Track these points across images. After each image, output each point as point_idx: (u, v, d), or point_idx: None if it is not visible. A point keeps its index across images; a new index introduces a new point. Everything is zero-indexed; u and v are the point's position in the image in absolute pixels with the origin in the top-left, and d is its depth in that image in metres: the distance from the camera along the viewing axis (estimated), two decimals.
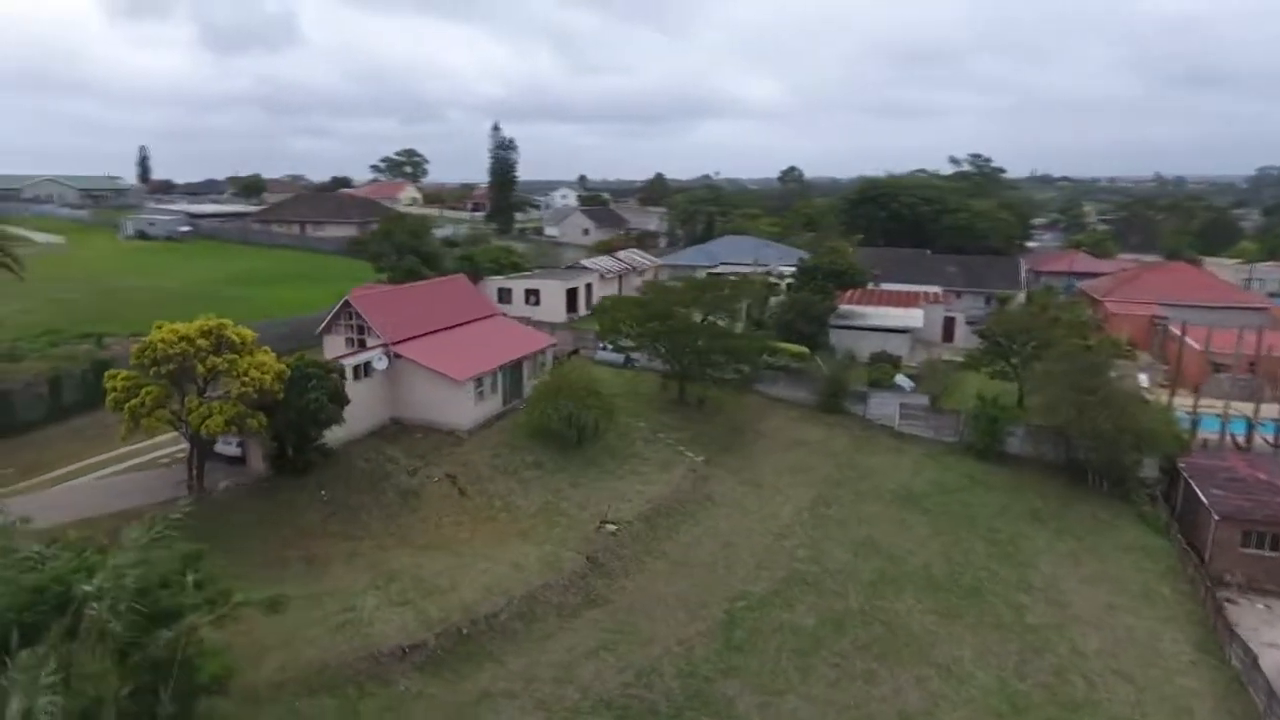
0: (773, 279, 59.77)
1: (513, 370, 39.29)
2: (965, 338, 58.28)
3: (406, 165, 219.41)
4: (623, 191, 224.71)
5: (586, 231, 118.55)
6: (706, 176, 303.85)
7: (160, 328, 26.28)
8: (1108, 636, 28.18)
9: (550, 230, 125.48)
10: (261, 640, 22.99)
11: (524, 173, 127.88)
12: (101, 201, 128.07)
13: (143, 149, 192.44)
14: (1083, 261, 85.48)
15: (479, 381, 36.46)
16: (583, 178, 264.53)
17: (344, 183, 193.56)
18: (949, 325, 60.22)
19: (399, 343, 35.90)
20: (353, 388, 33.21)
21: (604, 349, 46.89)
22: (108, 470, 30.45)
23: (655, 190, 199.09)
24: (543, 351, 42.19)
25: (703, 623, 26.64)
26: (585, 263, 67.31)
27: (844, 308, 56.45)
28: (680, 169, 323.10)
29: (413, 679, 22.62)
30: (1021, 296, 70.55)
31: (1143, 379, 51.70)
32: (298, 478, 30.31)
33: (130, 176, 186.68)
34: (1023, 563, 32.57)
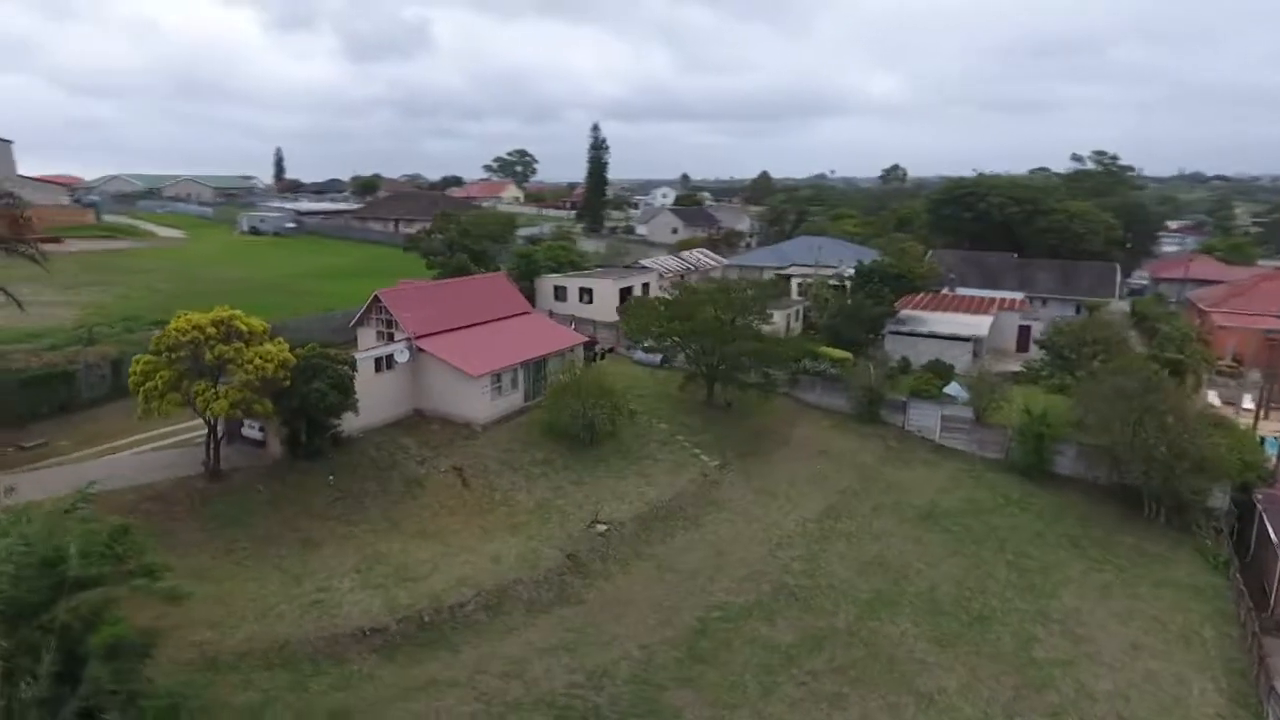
0: (832, 282, 57.86)
1: (536, 367, 39.86)
2: None
3: (517, 165, 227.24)
4: (729, 190, 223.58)
5: (675, 230, 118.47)
6: (821, 175, 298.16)
7: (179, 317, 28.37)
8: (1125, 679, 25.57)
9: (640, 229, 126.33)
10: (240, 612, 24.51)
11: (632, 171, 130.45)
12: (234, 200, 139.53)
13: (278, 151, 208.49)
14: (1200, 267, 77.59)
15: (497, 377, 37.23)
16: (685, 176, 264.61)
17: (454, 181, 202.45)
18: (1024, 334, 56.34)
19: (422, 337, 37.19)
20: (375, 379, 34.87)
21: (632, 348, 46.78)
22: (147, 446, 33.09)
23: (759, 189, 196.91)
24: (570, 349, 42.57)
25: (672, 630, 26.12)
26: (645, 262, 67.10)
27: (904, 313, 53.88)
28: (795, 167, 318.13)
29: (367, 660, 23.40)
30: (1119, 305, 65.10)
31: (1245, 399, 47.03)
32: (311, 462, 31.90)
33: (267, 177, 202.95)
34: (1046, 592, 30.06)
